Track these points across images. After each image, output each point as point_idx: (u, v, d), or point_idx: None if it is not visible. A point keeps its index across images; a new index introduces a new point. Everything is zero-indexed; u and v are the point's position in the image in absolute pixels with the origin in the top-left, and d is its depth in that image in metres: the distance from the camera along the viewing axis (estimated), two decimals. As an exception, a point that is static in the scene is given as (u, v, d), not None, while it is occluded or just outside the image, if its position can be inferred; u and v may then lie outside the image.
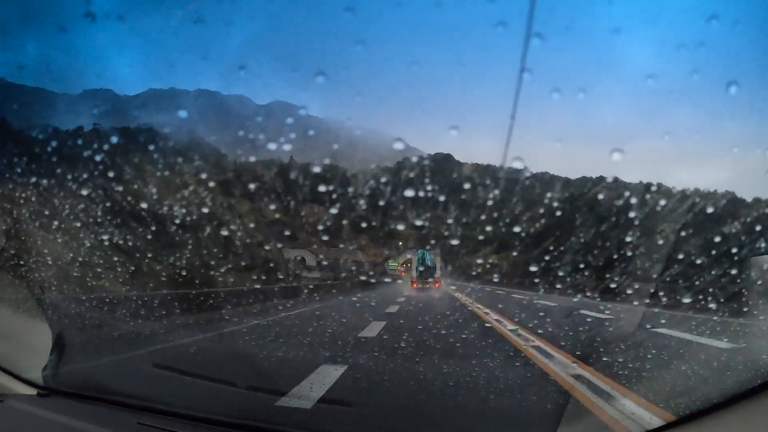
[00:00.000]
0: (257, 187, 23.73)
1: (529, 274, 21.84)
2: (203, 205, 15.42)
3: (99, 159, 11.39)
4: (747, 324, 7.83)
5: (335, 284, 22.73)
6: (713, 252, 8.53)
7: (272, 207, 25.82)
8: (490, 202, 14.86)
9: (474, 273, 32.48)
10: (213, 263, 14.92)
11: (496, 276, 31.11)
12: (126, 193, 13.26)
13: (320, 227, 25.56)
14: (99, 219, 12.26)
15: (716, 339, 6.49)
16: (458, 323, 9.34)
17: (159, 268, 12.44)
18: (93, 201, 12.69)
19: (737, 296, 8.40)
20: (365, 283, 26.20)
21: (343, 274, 30.21)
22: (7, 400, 2.50)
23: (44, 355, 2.88)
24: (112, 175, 12.96)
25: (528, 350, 5.62)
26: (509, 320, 9.25)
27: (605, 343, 6.40)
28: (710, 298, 8.07)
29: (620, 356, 5.12)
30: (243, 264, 19.03)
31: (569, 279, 15.20)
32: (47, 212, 10.39)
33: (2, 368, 2.67)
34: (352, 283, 24.53)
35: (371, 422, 2.95)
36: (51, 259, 8.75)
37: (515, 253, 26.59)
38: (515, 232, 24.24)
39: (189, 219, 14.95)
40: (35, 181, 11.69)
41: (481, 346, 6.35)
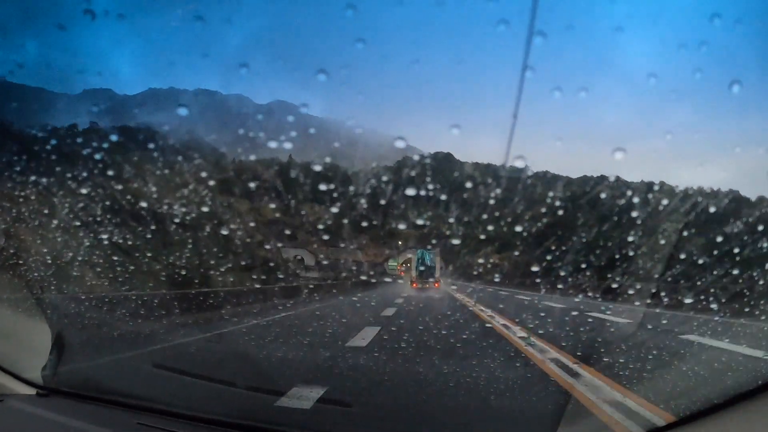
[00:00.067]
0: (257, 186, 23.71)
1: (531, 274, 21.80)
2: (203, 204, 15.41)
3: (98, 158, 11.39)
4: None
5: (335, 284, 22.74)
6: (720, 251, 8.25)
7: (272, 206, 25.79)
8: (492, 201, 14.85)
9: (475, 273, 32.43)
10: (213, 263, 14.91)
11: (497, 276, 31.05)
12: (125, 192, 13.25)
13: (320, 226, 25.54)
14: (98, 218, 12.25)
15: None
16: (459, 324, 9.32)
17: (159, 268, 12.43)
18: (92, 200, 12.68)
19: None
20: (365, 283, 26.20)
21: (344, 274, 30.19)
22: (7, 400, 2.50)
23: (44, 355, 2.87)
24: (112, 174, 12.96)
25: (546, 365, 4.83)
26: (519, 325, 8.45)
27: (639, 358, 5.23)
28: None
29: (682, 387, 3.87)
30: (243, 264, 19.02)
31: (570, 279, 15.18)
32: (46, 211, 10.38)
33: (2, 368, 2.67)
34: (353, 283, 24.53)
35: (371, 422, 2.95)
36: (51, 259, 8.75)
37: (516, 253, 26.52)
38: (517, 232, 24.18)
39: (188, 218, 14.94)
40: (34, 180, 11.68)
41: (484, 350, 6.33)
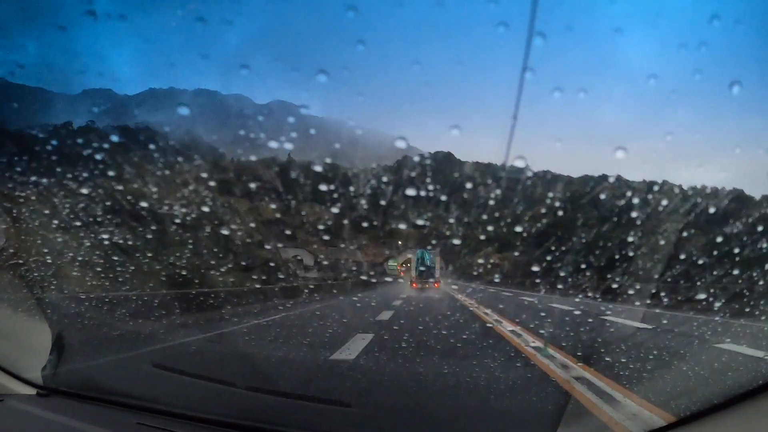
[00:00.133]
0: (257, 187, 23.71)
1: (531, 275, 21.77)
2: (203, 205, 15.42)
3: (99, 158, 11.39)
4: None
5: (335, 284, 22.76)
6: (720, 251, 8.17)
7: (273, 206, 25.80)
8: (492, 202, 14.86)
9: (475, 273, 32.45)
10: (213, 263, 14.92)
11: (498, 276, 31.05)
12: (126, 193, 13.25)
13: (320, 227, 25.54)
14: (99, 218, 12.26)
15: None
16: (459, 323, 9.31)
17: (159, 268, 12.43)
18: (92, 200, 12.70)
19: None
20: (365, 283, 26.20)
21: (344, 274, 30.20)
22: (7, 400, 2.50)
23: (44, 355, 2.87)
24: (112, 174, 12.97)
25: (575, 390, 3.83)
26: (531, 333, 7.36)
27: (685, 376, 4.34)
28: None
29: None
30: (243, 264, 19.04)
31: (570, 279, 15.18)
32: (47, 211, 10.38)
33: (1, 368, 2.67)
34: (353, 283, 24.54)
35: (371, 422, 2.94)
36: (51, 259, 8.75)
37: (516, 253, 26.52)
38: (517, 232, 24.17)
39: (189, 218, 14.94)
40: (35, 181, 11.69)
41: (486, 351, 6.32)
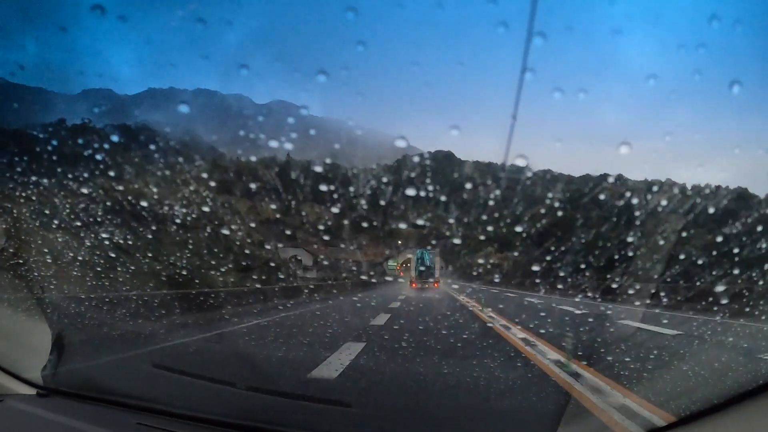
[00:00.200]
0: (257, 187, 23.73)
1: (531, 274, 21.71)
2: (203, 205, 15.44)
3: (99, 158, 11.41)
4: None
5: (335, 284, 22.75)
6: (720, 251, 8.15)
7: (272, 206, 25.83)
8: (492, 202, 14.87)
9: (475, 273, 32.44)
10: (213, 263, 14.93)
11: (498, 276, 31.00)
12: (126, 193, 13.27)
13: (320, 227, 25.57)
14: (99, 218, 12.27)
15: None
16: (459, 324, 9.29)
17: (159, 268, 12.44)
18: (93, 200, 12.71)
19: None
20: (365, 283, 26.19)
21: (343, 274, 30.20)
22: (7, 400, 2.50)
23: (44, 355, 2.87)
24: (113, 175, 12.99)
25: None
26: (550, 345, 6.09)
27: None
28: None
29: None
30: (243, 264, 19.04)
31: (570, 279, 15.19)
32: (47, 212, 10.39)
33: (2, 368, 2.67)
34: (353, 283, 24.54)
35: (371, 422, 2.94)
36: (51, 259, 8.75)
37: (516, 253, 26.52)
38: (517, 232, 24.17)
39: (189, 218, 14.96)
40: (35, 181, 11.70)
41: (485, 351, 6.32)
